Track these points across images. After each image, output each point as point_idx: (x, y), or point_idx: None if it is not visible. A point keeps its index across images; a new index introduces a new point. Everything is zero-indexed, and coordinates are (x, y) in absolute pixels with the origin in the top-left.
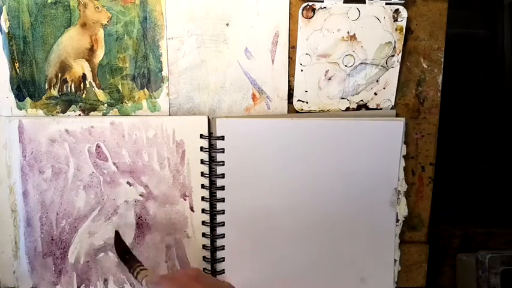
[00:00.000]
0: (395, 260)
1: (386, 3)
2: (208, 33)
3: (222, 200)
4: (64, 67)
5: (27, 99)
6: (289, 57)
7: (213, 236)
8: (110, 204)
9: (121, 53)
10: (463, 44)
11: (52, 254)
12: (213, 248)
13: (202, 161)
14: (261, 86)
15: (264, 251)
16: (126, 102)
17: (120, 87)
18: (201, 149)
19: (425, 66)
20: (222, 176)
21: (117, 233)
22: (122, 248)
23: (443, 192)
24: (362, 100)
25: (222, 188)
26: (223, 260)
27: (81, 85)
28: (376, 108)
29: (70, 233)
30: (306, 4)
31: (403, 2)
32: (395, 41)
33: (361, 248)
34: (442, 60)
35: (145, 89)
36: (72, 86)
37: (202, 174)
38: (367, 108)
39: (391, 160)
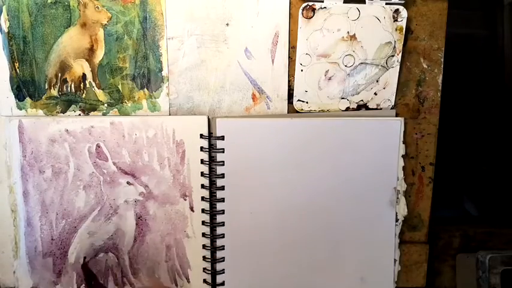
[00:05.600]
0: (395, 260)
1: (387, 3)
2: (208, 33)
3: (222, 200)
4: (64, 67)
5: (27, 99)
6: (289, 57)
7: (213, 236)
8: (110, 204)
9: (121, 53)
10: (463, 44)
11: (52, 254)
12: (213, 248)
13: (202, 161)
14: (261, 86)
15: (264, 250)
16: (126, 102)
17: (120, 87)
18: (201, 149)
19: (425, 66)
20: (222, 176)
21: None
22: None
23: (443, 192)
24: (362, 100)
25: (222, 188)
26: (223, 260)
27: (81, 85)
28: (376, 108)
29: (70, 233)
30: (306, 4)
31: (403, 2)
32: (395, 41)
33: (361, 247)
34: (442, 60)
35: (145, 89)
36: (72, 86)
37: (202, 174)
38: (367, 108)
39: (390, 159)
